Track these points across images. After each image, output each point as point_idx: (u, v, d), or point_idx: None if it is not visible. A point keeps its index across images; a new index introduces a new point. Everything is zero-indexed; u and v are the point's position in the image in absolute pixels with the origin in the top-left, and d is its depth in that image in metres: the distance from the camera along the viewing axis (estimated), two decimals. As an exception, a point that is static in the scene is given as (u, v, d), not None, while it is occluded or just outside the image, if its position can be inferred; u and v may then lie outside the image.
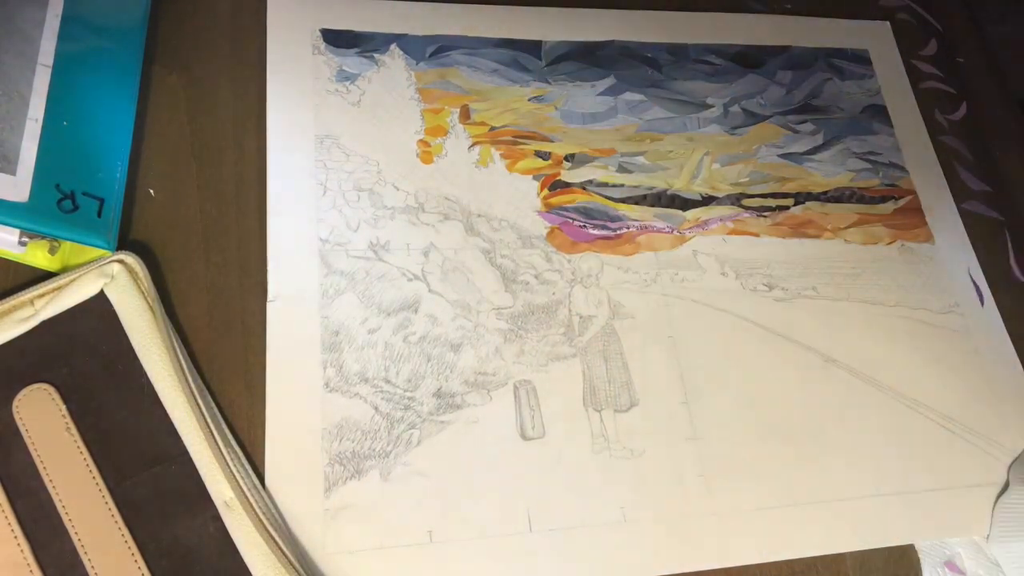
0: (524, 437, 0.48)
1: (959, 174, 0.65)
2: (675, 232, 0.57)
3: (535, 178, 0.56)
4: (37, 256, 0.46)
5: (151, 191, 0.50)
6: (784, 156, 0.62)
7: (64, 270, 0.46)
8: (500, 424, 0.48)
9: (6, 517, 0.39)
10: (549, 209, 0.55)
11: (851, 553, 0.49)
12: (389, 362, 0.48)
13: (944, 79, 0.69)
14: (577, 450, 0.48)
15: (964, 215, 0.63)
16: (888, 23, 0.70)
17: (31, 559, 0.39)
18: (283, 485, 0.44)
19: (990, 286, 0.60)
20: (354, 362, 0.48)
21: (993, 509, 0.52)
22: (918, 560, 0.50)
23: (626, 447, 0.49)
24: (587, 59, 0.62)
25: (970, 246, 0.61)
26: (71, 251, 0.47)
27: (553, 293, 0.53)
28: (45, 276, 0.46)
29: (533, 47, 0.61)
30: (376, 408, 0.47)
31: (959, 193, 0.64)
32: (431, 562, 0.44)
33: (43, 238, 0.45)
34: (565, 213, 0.55)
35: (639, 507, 0.47)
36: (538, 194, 0.56)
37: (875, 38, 0.69)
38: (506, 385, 0.49)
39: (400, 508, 0.45)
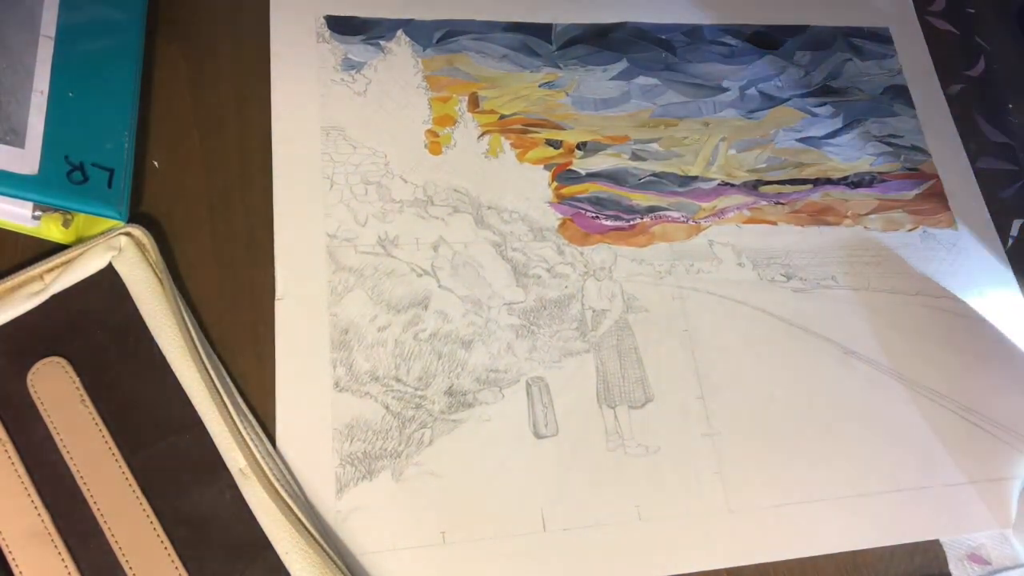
0: (537, 435, 0.47)
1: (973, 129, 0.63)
2: (690, 221, 0.55)
3: (546, 168, 0.55)
4: (51, 229, 0.46)
5: (155, 163, 0.50)
6: (802, 140, 0.60)
7: (79, 242, 0.46)
8: (513, 422, 0.47)
9: (26, 488, 0.40)
10: (561, 200, 0.54)
11: (874, 549, 0.48)
12: (399, 360, 0.47)
13: (958, 31, 0.67)
14: (591, 448, 0.47)
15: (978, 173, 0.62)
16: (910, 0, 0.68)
17: (52, 528, 0.39)
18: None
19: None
20: (364, 361, 0.47)
21: (1017, 500, 0.51)
22: (943, 553, 0.49)
23: (641, 444, 0.48)
24: (599, 42, 0.60)
25: (995, 231, 0.60)
26: (85, 223, 0.47)
27: (565, 287, 0.51)
28: (53, 250, 0.46)
29: (543, 30, 0.59)
30: (387, 407, 0.46)
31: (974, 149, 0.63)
32: (445, 563, 0.43)
33: (56, 211, 0.45)
34: (577, 204, 0.54)
35: (654, 505, 0.47)
36: (549, 184, 0.54)
37: (896, 14, 0.67)
38: (518, 382, 0.48)
39: (412, 509, 0.44)
